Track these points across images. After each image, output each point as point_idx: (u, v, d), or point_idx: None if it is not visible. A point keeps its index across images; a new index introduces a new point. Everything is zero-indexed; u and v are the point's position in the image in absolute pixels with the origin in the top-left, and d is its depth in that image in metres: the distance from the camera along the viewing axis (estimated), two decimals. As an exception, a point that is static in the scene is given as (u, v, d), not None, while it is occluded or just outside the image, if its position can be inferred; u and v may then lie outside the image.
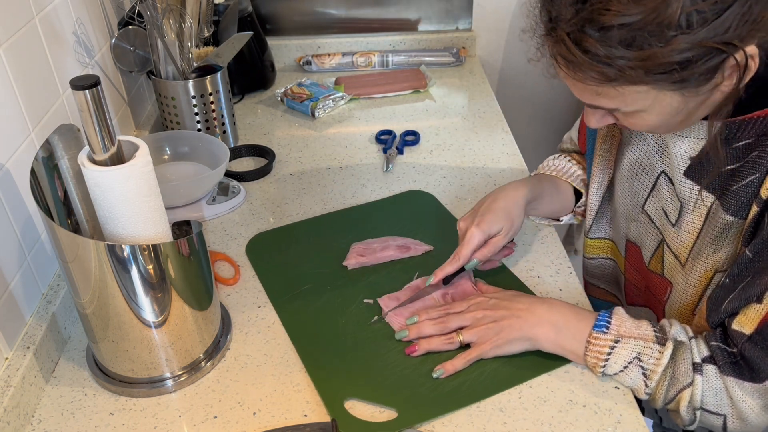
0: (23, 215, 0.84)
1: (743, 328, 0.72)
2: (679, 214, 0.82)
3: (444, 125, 1.37)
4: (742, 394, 0.72)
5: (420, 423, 0.75)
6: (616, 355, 0.76)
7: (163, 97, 1.22)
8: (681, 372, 0.74)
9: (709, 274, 0.81)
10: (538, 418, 0.75)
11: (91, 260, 0.71)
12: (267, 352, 0.85)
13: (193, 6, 1.16)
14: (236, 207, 1.13)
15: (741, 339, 0.72)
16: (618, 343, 0.76)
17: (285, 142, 1.33)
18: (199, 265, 0.79)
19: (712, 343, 0.74)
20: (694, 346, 0.75)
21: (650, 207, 0.88)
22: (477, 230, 0.88)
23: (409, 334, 0.84)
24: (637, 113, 0.70)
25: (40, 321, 0.84)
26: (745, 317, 0.72)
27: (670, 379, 0.75)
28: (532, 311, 0.81)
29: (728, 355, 0.73)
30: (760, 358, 0.70)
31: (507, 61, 1.73)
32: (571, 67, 0.66)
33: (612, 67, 0.64)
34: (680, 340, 0.75)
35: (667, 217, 0.85)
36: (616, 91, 0.67)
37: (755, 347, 0.71)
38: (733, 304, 0.73)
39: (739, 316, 0.72)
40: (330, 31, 1.67)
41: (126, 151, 0.73)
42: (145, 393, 0.80)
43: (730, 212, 0.75)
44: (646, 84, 0.65)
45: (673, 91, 0.66)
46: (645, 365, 0.75)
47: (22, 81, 0.86)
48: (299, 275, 0.97)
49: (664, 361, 0.74)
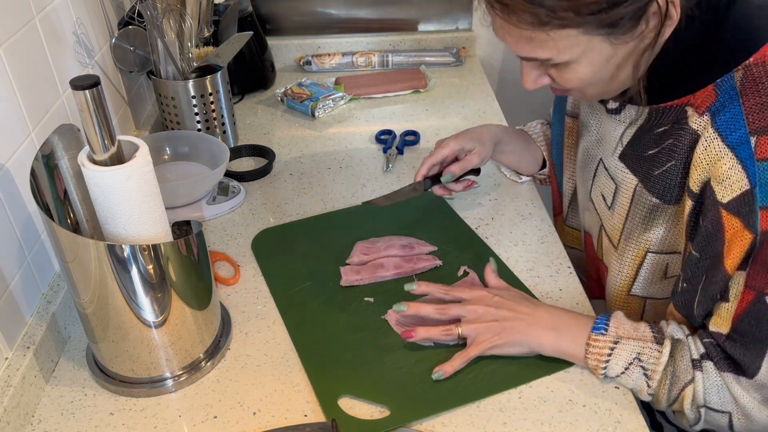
0: (23, 215, 0.84)
1: (720, 328, 0.73)
2: (613, 197, 0.86)
3: (444, 125, 1.37)
4: (741, 390, 0.72)
5: (413, 422, 0.75)
6: (616, 356, 0.76)
7: (163, 97, 1.22)
8: (681, 369, 0.74)
9: (641, 254, 0.84)
10: (538, 418, 0.75)
11: (91, 260, 0.71)
12: (267, 352, 0.85)
13: (193, 6, 1.16)
14: (236, 207, 1.13)
15: (721, 339, 0.73)
16: (617, 344, 0.76)
17: (285, 142, 1.33)
18: (199, 265, 0.79)
19: (705, 340, 0.75)
20: (691, 343, 0.75)
21: (594, 194, 0.92)
22: (452, 140, 1.01)
23: (407, 309, 0.84)
24: (569, 66, 0.73)
25: (40, 321, 0.84)
26: (719, 317, 0.73)
27: (671, 377, 0.75)
28: (534, 316, 0.81)
29: (720, 351, 0.74)
30: (742, 355, 0.71)
31: (507, 61, 1.73)
32: (505, 11, 0.69)
33: (543, 8, 0.67)
34: (677, 338, 0.76)
35: (604, 201, 0.89)
36: (547, 35, 0.69)
37: (735, 345, 0.72)
38: (703, 305, 0.75)
39: (714, 317, 0.74)
40: (330, 31, 1.67)
41: (126, 151, 0.73)
42: (145, 393, 0.80)
43: (655, 195, 0.79)
44: (576, 27, 0.68)
45: (602, 37, 0.69)
46: (645, 365, 0.75)
47: (22, 81, 0.86)
48: (302, 272, 0.97)
49: (664, 360, 0.74)
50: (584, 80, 0.75)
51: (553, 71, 0.76)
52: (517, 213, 1.09)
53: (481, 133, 1.04)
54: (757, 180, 0.66)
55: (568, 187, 1.04)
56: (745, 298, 0.70)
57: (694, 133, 0.73)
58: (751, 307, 0.70)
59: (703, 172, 0.71)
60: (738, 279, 0.70)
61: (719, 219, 0.69)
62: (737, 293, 0.70)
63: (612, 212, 0.87)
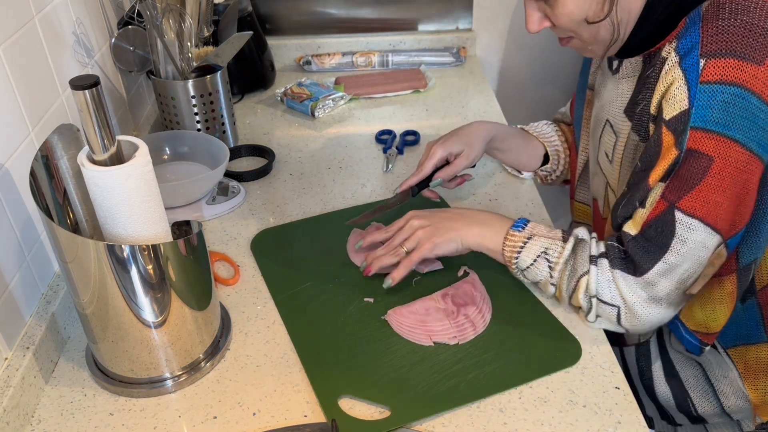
0: (23, 215, 0.84)
1: (630, 229, 0.81)
2: (613, 149, 0.91)
3: (444, 125, 1.37)
4: (626, 287, 0.81)
5: (413, 422, 0.75)
6: (527, 249, 0.86)
7: (163, 97, 1.22)
8: (579, 263, 0.83)
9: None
10: (538, 419, 0.75)
11: (91, 260, 0.71)
12: (267, 352, 0.85)
13: (192, 6, 1.16)
14: (236, 207, 1.13)
15: (627, 239, 0.81)
16: (530, 240, 0.86)
17: (285, 142, 1.33)
18: (199, 265, 0.79)
19: (609, 242, 0.84)
20: (593, 244, 0.84)
21: (600, 156, 0.96)
22: (439, 147, 1.02)
23: (367, 262, 0.93)
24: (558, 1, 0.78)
25: (39, 321, 0.84)
26: (632, 221, 0.81)
27: (570, 269, 0.84)
28: (462, 214, 0.92)
29: (618, 252, 0.82)
30: (639, 255, 0.80)
31: (507, 61, 1.73)
32: None
33: None
34: (581, 238, 0.85)
35: (607, 157, 0.93)
36: None
37: (637, 245, 0.80)
38: (626, 208, 0.82)
39: (629, 220, 0.82)
40: (330, 31, 1.67)
41: (126, 151, 0.72)
42: (144, 393, 0.80)
43: (637, 133, 0.84)
44: None
45: None
46: (550, 258, 0.85)
47: (21, 81, 0.86)
48: (302, 272, 0.97)
49: (566, 254, 0.84)
50: (573, 16, 0.79)
51: (547, 10, 0.81)
52: (517, 213, 1.09)
53: (470, 133, 1.04)
54: (695, 101, 0.72)
55: (581, 159, 1.06)
56: (658, 207, 0.78)
57: (662, 61, 0.77)
58: (660, 216, 0.77)
59: (660, 95, 0.76)
60: (657, 190, 0.78)
61: (660, 135, 0.76)
62: (653, 201, 0.78)
63: (612, 165, 0.91)
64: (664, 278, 0.79)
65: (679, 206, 0.76)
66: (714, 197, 0.74)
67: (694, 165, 0.74)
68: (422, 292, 0.92)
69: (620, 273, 0.81)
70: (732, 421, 0.95)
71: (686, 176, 0.74)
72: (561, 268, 0.84)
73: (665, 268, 0.79)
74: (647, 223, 0.79)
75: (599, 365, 0.81)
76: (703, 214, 0.75)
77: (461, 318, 0.87)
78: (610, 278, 0.82)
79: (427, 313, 0.88)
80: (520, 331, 0.86)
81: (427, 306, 0.89)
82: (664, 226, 0.77)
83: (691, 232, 0.76)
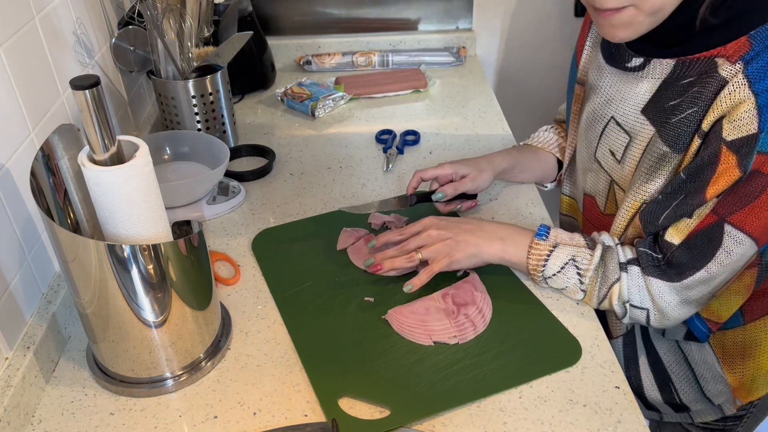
0: (23, 215, 0.84)
1: (673, 239, 0.82)
2: (624, 150, 0.90)
3: (444, 125, 1.37)
4: (659, 292, 0.83)
5: (413, 422, 0.75)
6: (554, 257, 0.87)
7: (163, 97, 1.22)
8: (610, 270, 0.85)
9: (637, 205, 0.88)
10: (539, 418, 0.75)
11: (91, 260, 0.71)
12: (267, 352, 0.86)
13: (193, 6, 1.16)
14: (236, 207, 1.13)
15: (670, 248, 0.82)
16: (556, 248, 0.88)
17: (285, 142, 1.33)
18: (199, 265, 0.79)
19: (640, 248, 0.85)
20: (619, 250, 0.86)
21: (600, 153, 0.95)
22: (448, 164, 1.04)
23: (375, 260, 0.93)
24: None
25: (40, 321, 0.84)
26: (675, 230, 0.82)
27: (601, 277, 0.86)
28: (481, 229, 0.92)
29: (652, 260, 0.84)
30: (685, 262, 0.81)
31: (507, 61, 1.74)
32: None
33: None
34: (608, 245, 0.87)
35: (613, 156, 0.92)
36: None
37: (682, 253, 0.82)
38: (668, 219, 0.82)
39: (670, 228, 0.82)
40: (330, 31, 1.67)
41: (126, 151, 0.73)
42: (145, 393, 0.80)
43: (667, 143, 0.82)
44: None
45: None
46: (579, 265, 0.86)
47: (22, 81, 0.86)
48: (302, 272, 0.97)
49: (596, 261, 0.86)
50: None
51: None
52: (517, 213, 1.09)
53: (481, 162, 1.06)
54: (765, 126, 0.72)
55: (567, 153, 1.07)
56: (707, 220, 0.79)
57: (722, 80, 0.76)
58: (708, 228, 0.79)
59: (719, 113, 0.76)
60: (709, 204, 0.79)
61: (717, 153, 0.76)
62: (702, 214, 0.79)
63: (622, 165, 0.91)
64: (702, 285, 0.82)
65: (729, 220, 0.77)
66: (766, 214, 0.76)
67: (753, 184, 0.75)
68: (422, 291, 0.92)
69: (654, 279, 0.83)
70: (714, 406, 0.97)
71: (743, 193, 0.76)
72: (592, 275, 0.86)
73: (705, 277, 0.81)
74: (693, 233, 0.80)
75: (599, 365, 0.82)
76: (752, 230, 0.77)
77: (461, 317, 0.87)
78: (642, 284, 0.84)
79: (427, 312, 0.88)
80: (520, 331, 0.86)
81: (427, 305, 0.89)
82: (711, 238, 0.79)
83: (737, 245, 0.78)
